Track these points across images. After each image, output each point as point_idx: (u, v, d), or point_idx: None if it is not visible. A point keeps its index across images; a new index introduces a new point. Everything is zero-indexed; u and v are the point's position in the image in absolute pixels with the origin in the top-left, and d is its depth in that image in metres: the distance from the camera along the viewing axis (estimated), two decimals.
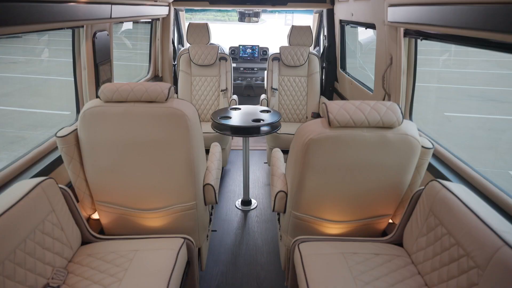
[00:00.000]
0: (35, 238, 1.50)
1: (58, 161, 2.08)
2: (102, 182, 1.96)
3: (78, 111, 2.58)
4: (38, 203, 1.55)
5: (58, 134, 1.84)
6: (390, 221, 2.07)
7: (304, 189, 1.87)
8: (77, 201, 2.01)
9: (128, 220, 2.08)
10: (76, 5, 1.98)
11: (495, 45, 1.56)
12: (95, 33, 2.46)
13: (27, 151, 2.04)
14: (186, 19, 5.54)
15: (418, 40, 2.31)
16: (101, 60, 2.60)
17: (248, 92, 5.24)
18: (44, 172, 1.98)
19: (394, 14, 2.25)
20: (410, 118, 2.57)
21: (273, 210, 2.09)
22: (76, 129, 1.88)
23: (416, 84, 2.52)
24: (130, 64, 8.64)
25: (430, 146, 1.82)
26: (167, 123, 1.81)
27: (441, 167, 2.03)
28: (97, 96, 1.92)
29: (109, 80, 2.79)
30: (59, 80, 8.92)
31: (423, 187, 1.76)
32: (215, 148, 2.50)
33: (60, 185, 1.75)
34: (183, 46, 5.33)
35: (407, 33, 2.34)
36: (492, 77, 9.56)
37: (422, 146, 1.79)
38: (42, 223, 1.55)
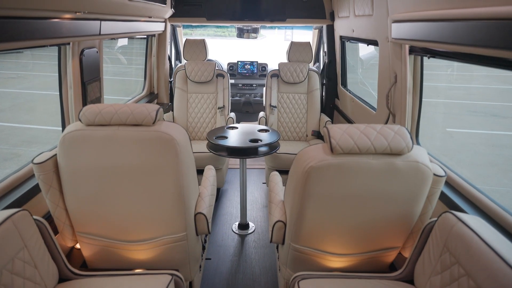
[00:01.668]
0: (2, 280, 1.33)
1: (36, 189, 1.92)
2: (83, 212, 1.80)
3: None
4: (7, 240, 1.39)
5: (35, 161, 1.69)
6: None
7: (305, 219, 1.71)
8: (57, 232, 1.84)
9: (112, 253, 1.91)
10: (61, 21, 1.86)
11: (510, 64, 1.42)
12: (82, 50, 2.34)
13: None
14: (186, 35, 5.48)
15: (425, 58, 2.18)
16: (89, 79, 2.46)
17: (246, 109, 5.12)
18: (19, 202, 1.82)
19: (399, 30, 2.13)
20: (417, 141, 2.43)
21: (271, 241, 1.93)
22: (55, 154, 1.73)
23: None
24: (129, 79, 8.58)
25: (443, 173, 1.67)
26: (154, 148, 1.67)
27: (454, 196, 1.87)
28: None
29: (98, 99, 2.65)
30: (56, 95, 8.84)
31: (435, 218, 1.60)
32: (209, 172, 2.34)
33: (35, 217, 1.58)
34: (180, 62, 5.25)
35: (412, 50, 2.22)
36: (495, 92, 9.49)
37: (434, 174, 1.64)
38: (11, 262, 1.39)
